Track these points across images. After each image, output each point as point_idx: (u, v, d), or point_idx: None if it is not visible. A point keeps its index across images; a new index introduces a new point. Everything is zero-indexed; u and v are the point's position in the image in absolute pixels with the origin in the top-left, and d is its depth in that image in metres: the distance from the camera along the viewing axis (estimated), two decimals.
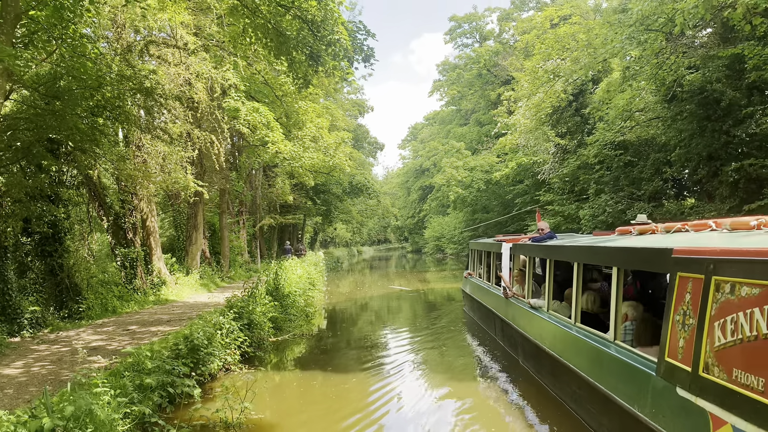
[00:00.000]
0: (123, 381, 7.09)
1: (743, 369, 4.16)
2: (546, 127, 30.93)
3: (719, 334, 4.47)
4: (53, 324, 13.08)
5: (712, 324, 4.58)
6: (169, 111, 16.41)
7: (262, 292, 15.80)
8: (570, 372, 7.65)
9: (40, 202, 13.63)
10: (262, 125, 21.82)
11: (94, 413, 5.56)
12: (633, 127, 25.21)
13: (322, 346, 13.94)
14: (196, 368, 9.42)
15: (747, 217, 5.60)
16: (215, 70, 20.12)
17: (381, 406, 8.73)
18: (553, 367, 8.57)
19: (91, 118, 12.25)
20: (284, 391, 9.78)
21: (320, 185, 41.71)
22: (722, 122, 18.91)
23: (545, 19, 33.30)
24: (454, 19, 64.45)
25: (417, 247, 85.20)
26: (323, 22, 12.11)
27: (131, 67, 13.84)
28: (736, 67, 18.16)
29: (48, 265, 14.18)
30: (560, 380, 8.35)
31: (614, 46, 20.47)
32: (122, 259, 17.35)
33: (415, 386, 9.98)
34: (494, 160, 46.19)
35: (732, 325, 4.34)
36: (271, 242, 45.17)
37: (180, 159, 18.88)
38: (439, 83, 70.44)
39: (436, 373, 11.00)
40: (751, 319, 4.12)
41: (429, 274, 41.91)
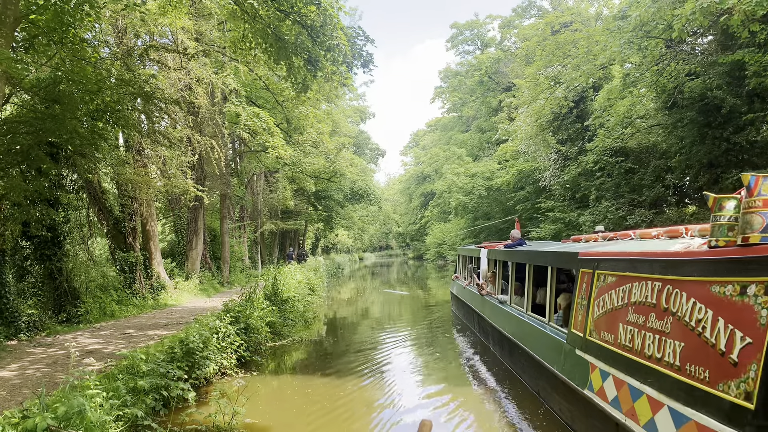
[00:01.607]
0: (116, 384, 7.07)
1: (605, 330, 6.32)
2: (547, 133, 30.98)
3: (596, 309, 6.68)
4: (51, 327, 13.08)
5: (593, 302, 6.78)
6: (169, 115, 16.44)
7: (260, 297, 15.78)
8: (520, 349, 9.80)
9: (39, 206, 13.64)
10: (262, 130, 21.86)
11: (84, 414, 5.55)
12: (634, 134, 25.24)
13: (320, 352, 13.91)
14: (191, 372, 9.39)
15: (658, 229, 7.48)
16: (216, 75, 20.17)
17: (376, 411, 8.71)
18: (511, 347, 10.66)
19: (91, 122, 12.28)
20: (279, 396, 9.75)
21: (321, 191, 41.75)
22: (723, 129, 18.91)
23: (546, 25, 33.35)
24: (455, 26, 64.64)
25: (419, 253, 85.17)
26: (322, 28, 12.14)
27: (131, 72, 13.87)
28: (736, 74, 18.16)
29: (47, 269, 14.19)
30: (514, 357, 10.45)
31: (613, 50, 20.51)
32: (121, 263, 17.35)
33: (406, 387, 10.34)
34: (495, 166, 46.23)
35: (602, 302, 6.55)
36: (272, 248, 45.16)
37: (180, 164, 18.90)
38: (440, 90, 70.57)
39: (427, 371, 11.77)
40: (610, 297, 6.35)
41: (430, 280, 41.88)
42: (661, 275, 5.29)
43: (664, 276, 5.24)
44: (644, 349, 5.36)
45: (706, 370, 4.41)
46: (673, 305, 4.99)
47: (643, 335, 5.40)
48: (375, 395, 9.86)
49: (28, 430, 5.32)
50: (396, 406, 9.11)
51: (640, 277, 5.69)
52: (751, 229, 4.21)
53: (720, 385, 4.21)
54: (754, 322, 3.97)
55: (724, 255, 4.49)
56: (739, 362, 4.04)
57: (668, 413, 4.83)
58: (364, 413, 8.75)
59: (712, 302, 4.48)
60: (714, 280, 4.52)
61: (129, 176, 16.03)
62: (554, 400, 8.05)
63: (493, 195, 45.85)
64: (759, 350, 3.86)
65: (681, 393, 4.68)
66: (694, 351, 4.61)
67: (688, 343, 4.70)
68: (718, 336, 4.32)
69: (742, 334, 4.07)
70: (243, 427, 7.66)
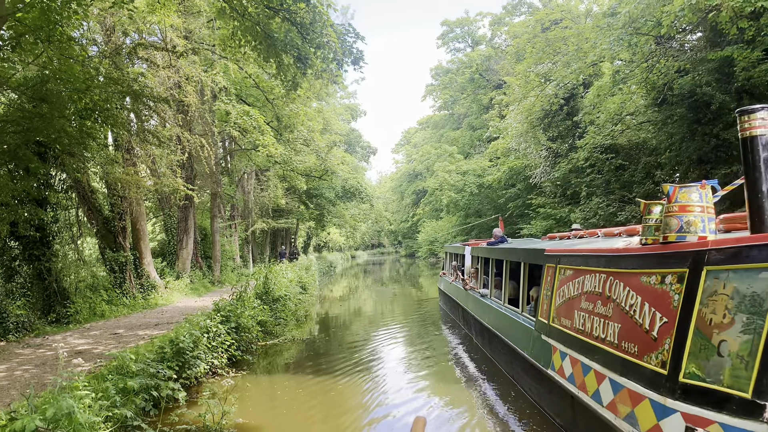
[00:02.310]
0: (106, 384, 7.02)
1: (564, 317, 7.19)
2: (537, 130, 31.03)
3: (558, 299, 7.55)
4: (40, 328, 12.99)
5: (556, 293, 7.66)
6: (158, 114, 16.34)
7: (251, 296, 15.73)
8: (498, 338, 10.60)
9: (27, 206, 13.54)
10: (253, 128, 21.79)
11: (73, 416, 5.50)
12: (624, 130, 25.31)
13: (312, 350, 13.88)
14: (182, 372, 9.35)
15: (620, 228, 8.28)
16: (205, 73, 20.08)
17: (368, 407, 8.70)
18: (490, 337, 11.44)
19: (79, 121, 12.17)
20: (271, 395, 9.72)
21: (313, 189, 41.64)
22: (712, 125, 18.97)
23: (536, 23, 33.36)
24: (446, 23, 64.65)
25: (410, 251, 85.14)
26: (312, 25, 12.10)
27: (119, 70, 13.77)
28: (725, 71, 18.23)
29: (36, 269, 14.09)
30: (493, 345, 11.25)
31: (603, 48, 20.56)
32: (111, 263, 17.24)
33: (397, 382, 10.55)
34: (486, 164, 46.28)
35: (562, 293, 7.42)
36: (264, 246, 45.04)
37: (170, 162, 18.81)
38: (431, 87, 70.57)
39: (417, 365, 12.17)
40: (568, 288, 7.21)
41: (422, 278, 41.90)
42: (606, 268, 6.24)
43: (607, 269, 6.21)
44: (593, 331, 6.27)
45: (635, 346, 5.29)
46: (614, 293, 5.91)
47: (592, 320, 6.33)
48: (367, 392, 9.87)
49: (17, 431, 5.28)
50: (388, 403, 9.14)
51: (590, 270, 6.65)
52: (670, 230, 5.14)
53: (645, 357, 5.08)
54: (669, 304, 4.88)
55: (650, 251, 5.44)
56: (658, 338, 4.94)
57: (609, 383, 5.64)
58: (356, 411, 8.74)
59: (641, 290, 5.40)
60: (642, 272, 5.45)
61: (118, 175, 15.92)
62: (525, 382, 8.92)
63: (484, 192, 45.89)
64: (672, 327, 4.75)
65: (618, 366, 5.51)
66: (627, 331, 5.51)
67: (623, 324, 5.60)
68: (644, 317, 5.24)
69: (660, 314, 4.98)
70: (234, 427, 7.63)
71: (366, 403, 9.11)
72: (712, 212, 5.12)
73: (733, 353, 4.06)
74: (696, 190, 5.19)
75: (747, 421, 3.77)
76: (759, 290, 3.96)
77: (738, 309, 4.13)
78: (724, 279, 4.38)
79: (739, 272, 4.26)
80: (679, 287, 4.78)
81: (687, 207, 5.13)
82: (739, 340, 4.04)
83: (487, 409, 8.55)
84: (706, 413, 4.15)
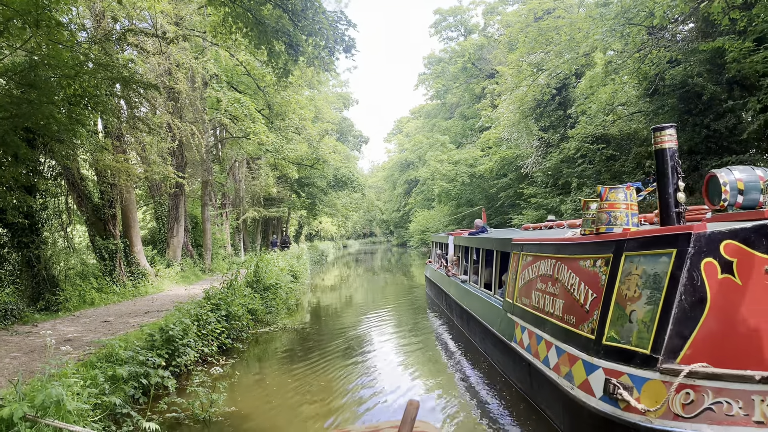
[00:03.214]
0: (94, 372, 6.99)
1: (524, 297, 8.27)
2: (529, 120, 31.04)
3: (520, 281, 8.64)
4: (29, 315, 12.92)
5: (519, 276, 8.75)
6: (148, 101, 16.21)
7: (242, 285, 15.70)
8: (473, 318, 11.55)
9: (16, 193, 13.42)
10: (244, 116, 21.67)
11: (62, 403, 5.48)
12: (615, 121, 25.35)
13: (303, 338, 13.90)
14: (171, 359, 9.34)
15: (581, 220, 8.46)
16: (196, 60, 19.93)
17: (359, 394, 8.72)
18: (468, 317, 12.34)
19: (68, 107, 12.06)
20: (261, 383, 9.72)
21: (304, 178, 41.53)
22: (703, 116, 19.03)
23: (529, 12, 33.27)
24: (439, 12, 64.40)
25: (402, 240, 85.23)
26: (303, 12, 12.01)
27: (109, 56, 13.64)
28: (716, 62, 18.26)
29: (24, 257, 13.98)
30: (470, 325, 12.16)
31: (595, 38, 20.54)
32: (101, 250, 17.15)
33: (387, 366, 10.90)
34: (478, 153, 46.27)
35: (524, 276, 8.51)
36: (255, 235, 44.96)
37: (160, 150, 18.69)
38: (424, 76, 70.38)
39: (405, 348, 12.63)
40: (528, 272, 8.32)
41: (414, 267, 41.96)
42: (555, 255, 7.37)
43: (556, 255, 7.32)
44: (544, 307, 7.35)
45: (574, 318, 6.37)
46: (560, 275, 7.02)
47: (544, 298, 7.41)
48: (358, 377, 9.94)
49: (4, 418, 5.25)
50: (378, 387, 9.22)
51: (544, 256, 7.76)
52: (601, 223, 6.32)
53: (580, 327, 6.15)
54: (598, 283, 5.97)
55: (586, 240, 6.59)
56: (590, 310, 6.03)
57: (555, 350, 6.67)
58: (347, 396, 8.76)
59: (579, 272, 6.51)
60: (580, 257, 6.59)
61: (108, 162, 15.80)
62: (494, 355, 9.97)
63: (476, 182, 45.91)
64: (599, 301, 5.83)
65: (561, 335, 6.57)
66: (568, 306, 6.59)
67: (566, 301, 6.69)
68: (580, 294, 6.32)
69: (591, 291, 6.08)
70: (224, 415, 7.63)
71: (357, 388, 9.14)
72: (635, 209, 6.31)
73: (639, 320, 5.14)
74: (622, 191, 6.36)
75: (646, 370, 4.83)
76: (659, 270, 5.06)
77: (644, 285, 5.21)
78: (636, 262, 5.45)
79: (646, 257, 5.34)
80: (606, 269, 5.88)
81: (615, 205, 6.29)
82: (643, 310, 5.12)
83: (465, 384, 9.35)
84: (619, 367, 5.18)
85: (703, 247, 4.85)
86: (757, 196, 5.42)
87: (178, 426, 7.31)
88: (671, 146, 5.72)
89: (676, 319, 4.76)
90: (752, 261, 4.81)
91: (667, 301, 4.85)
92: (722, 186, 5.54)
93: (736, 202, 5.51)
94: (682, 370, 4.48)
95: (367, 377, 9.91)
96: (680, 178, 5.69)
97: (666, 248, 5.07)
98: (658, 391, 4.69)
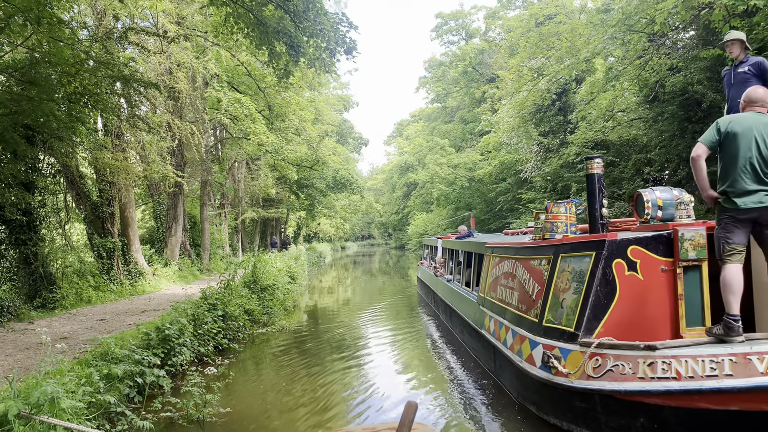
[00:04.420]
0: (89, 370, 6.98)
1: (492, 291, 9.70)
2: (529, 125, 31.04)
3: (490, 278, 10.03)
4: (25, 313, 12.90)
5: (489, 274, 10.17)
6: (149, 100, 16.21)
7: (239, 285, 15.69)
8: (454, 312, 12.88)
9: (14, 190, 13.41)
10: (244, 116, 21.67)
11: (57, 401, 5.47)
12: (615, 127, 25.35)
13: (299, 339, 13.87)
14: (167, 359, 9.32)
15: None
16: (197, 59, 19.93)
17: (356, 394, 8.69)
18: (450, 312, 13.60)
19: (68, 105, 12.06)
20: (257, 384, 9.71)
21: (304, 179, 41.53)
22: (703, 123, 19.02)
23: (530, 17, 33.28)
24: (440, 16, 64.41)
25: (400, 243, 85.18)
26: (305, 13, 12.02)
27: (109, 54, 13.63)
28: (717, 69, 18.27)
29: (22, 254, 13.97)
30: (452, 319, 13.39)
31: (596, 45, 20.55)
32: (99, 249, 17.14)
33: (382, 363, 11.15)
34: (478, 157, 46.26)
35: (492, 274, 9.91)
36: (254, 236, 44.94)
37: (160, 149, 18.69)
38: (425, 80, 70.37)
39: (398, 347, 12.95)
40: (495, 270, 9.74)
41: (411, 270, 41.92)
42: (514, 256, 8.86)
43: (515, 256, 8.78)
44: (505, 299, 8.75)
45: (525, 306, 7.76)
46: (517, 273, 8.43)
47: (506, 291, 8.83)
48: (354, 376, 9.95)
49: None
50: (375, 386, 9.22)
51: (507, 257, 9.22)
52: (546, 231, 7.99)
53: (528, 313, 7.52)
54: (542, 278, 7.37)
55: (536, 244, 8.01)
56: (535, 299, 7.41)
57: (511, 333, 7.98)
58: (343, 395, 8.73)
59: (530, 270, 7.90)
60: (531, 258, 7.99)
61: (107, 161, 15.80)
62: (469, 342, 11.21)
63: (475, 186, 45.89)
64: (542, 293, 7.21)
65: (516, 320, 7.90)
66: (522, 297, 7.99)
67: (520, 293, 8.09)
68: (530, 287, 7.70)
69: (538, 285, 7.46)
70: (218, 415, 7.61)
71: (352, 387, 9.12)
72: (573, 220, 7.91)
73: (568, 306, 6.55)
74: (563, 205, 7.98)
75: (570, 344, 6.25)
76: (583, 268, 6.45)
77: (572, 279, 6.61)
78: (568, 261, 6.85)
79: (575, 258, 6.72)
80: (548, 267, 7.27)
81: (557, 216, 7.89)
82: (571, 298, 6.52)
83: (445, 369, 10.41)
84: (553, 342, 6.57)
85: (614, 250, 6.20)
86: (672, 211, 6.63)
87: (172, 425, 7.29)
88: (599, 172, 7.16)
89: (593, 305, 6.14)
90: (651, 262, 6.15)
91: (587, 292, 6.23)
92: (646, 203, 6.73)
93: (656, 216, 6.71)
94: (593, 342, 5.88)
95: (364, 377, 9.88)
96: (604, 197, 7.16)
97: (588, 251, 6.46)
98: (577, 359, 6.04)
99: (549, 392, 6.51)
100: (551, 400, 6.56)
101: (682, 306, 6.01)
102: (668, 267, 6.10)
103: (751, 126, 5.32)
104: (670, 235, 6.14)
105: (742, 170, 5.34)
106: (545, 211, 8.15)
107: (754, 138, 5.29)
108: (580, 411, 6.07)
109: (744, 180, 5.33)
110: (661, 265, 6.12)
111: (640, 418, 5.59)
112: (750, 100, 5.52)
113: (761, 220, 5.32)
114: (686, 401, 5.29)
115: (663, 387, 5.32)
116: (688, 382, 5.22)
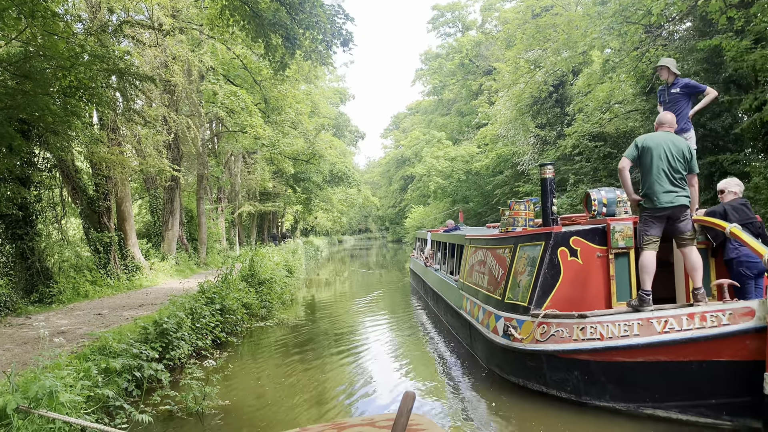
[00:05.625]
0: (87, 364, 6.96)
1: (469, 277, 11.09)
2: (526, 117, 31.00)
3: (467, 265, 11.48)
4: (22, 308, 12.87)
5: (467, 262, 11.59)
6: (144, 93, 16.13)
7: (237, 278, 15.66)
8: (440, 297, 14.11)
9: (10, 184, 13.35)
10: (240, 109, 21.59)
11: (55, 395, 5.46)
12: (612, 119, 25.35)
13: (297, 332, 13.86)
14: (165, 353, 9.31)
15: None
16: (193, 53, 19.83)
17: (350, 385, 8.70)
18: (437, 298, 14.79)
19: (63, 99, 11.99)
20: (255, 377, 9.70)
21: (300, 173, 41.47)
22: (699, 115, 18.96)
23: (527, 9, 33.18)
24: (436, 8, 64.28)
25: (397, 236, 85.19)
26: (301, 5, 11.96)
27: (105, 47, 13.55)
28: (714, 61, 18.27)
29: (18, 249, 13.92)
30: (438, 304, 14.56)
31: (593, 36, 20.51)
32: (96, 243, 17.09)
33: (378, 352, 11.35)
34: (475, 150, 46.25)
35: (470, 262, 11.29)
36: (251, 230, 44.89)
37: (156, 143, 18.62)
38: (421, 72, 70.30)
39: (393, 334, 13.56)
40: (472, 259, 11.20)
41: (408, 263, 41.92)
42: (485, 246, 10.35)
43: (486, 246, 10.30)
44: (478, 283, 10.16)
45: (492, 287, 9.20)
46: (487, 260, 9.87)
47: (479, 276, 10.25)
48: (351, 367, 9.98)
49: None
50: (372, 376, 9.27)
51: (480, 247, 10.71)
52: (509, 225, 9.72)
53: (494, 292, 8.96)
54: (505, 264, 8.81)
55: (501, 236, 9.58)
56: (499, 281, 8.89)
57: (482, 310, 9.25)
58: (341, 387, 8.73)
59: (496, 258, 9.40)
60: (498, 247, 9.51)
61: (103, 155, 15.74)
62: (451, 322, 12.49)
63: (472, 179, 45.90)
64: (505, 276, 8.67)
65: (485, 299, 9.29)
66: (490, 280, 9.44)
67: (489, 277, 9.55)
68: (496, 272, 9.19)
69: (501, 269, 8.95)
70: (218, 408, 7.62)
71: (350, 379, 9.12)
72: (531, 215, 9.69)
73: (523, 285, 7.90)
74: (523, 204, 9.72)
75: (524, 316, 7.60)
76: (535, 255, 7.82)
77: (527, 264, 8.00)
78: (525, 250, 8.25)
79: (529, 246, 8.13)
80: (510, 255, 8.74)
81: (518, 213, 9.64)
82: (526, 279, 7.89)
83: (432, 348, 11.58)
84: (511, 315, 7.95)
85: (559, 240, 7.58)
86: (614, 208, 8.14)
87: (171, 419, 7.29)
88: (550, 177, 8.27)
89: (542, 284, 7.50)
90: (589, 249, 7.52)
91: (537, 274, 7.59)
92: (593, 201, 8.21)
93: (602, 212, 8.15)
94: (541, 314, 7.28)
95: (361, 367, 9.89)
96: (555, 197, 8.28)
97: (539, 241, 7.85)
98: (529, 328, 7.39)
99: (508, 356, 7.92)
100: (510, 362, 7.96)
101: (614, 285, 7.47)
102: (603, 254, 7.49)
103: (660, 142, 6.70)
104: (604, 228, 7.52)
105: (656, 177, 6.63)
106: (509, 208, 9.82)
107: (663, 151, 6.64)
108: (532, 369, 7.43)
109: (659, 184, 6.61)
110: (597, 252, 7.51)
111: (575, 372, 6.87)
112: (660, 122, 7.00)
113: (673, 216, 6.66)
114: (606, 356, 6.55)
115: (590, 345, 6.65)
116: (608, 341, 6.54)
